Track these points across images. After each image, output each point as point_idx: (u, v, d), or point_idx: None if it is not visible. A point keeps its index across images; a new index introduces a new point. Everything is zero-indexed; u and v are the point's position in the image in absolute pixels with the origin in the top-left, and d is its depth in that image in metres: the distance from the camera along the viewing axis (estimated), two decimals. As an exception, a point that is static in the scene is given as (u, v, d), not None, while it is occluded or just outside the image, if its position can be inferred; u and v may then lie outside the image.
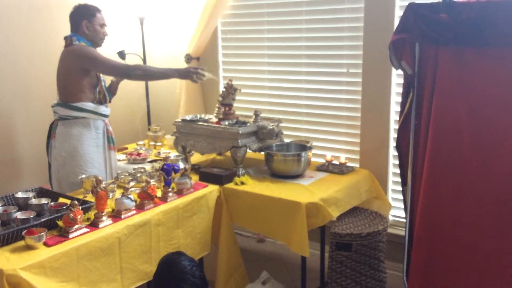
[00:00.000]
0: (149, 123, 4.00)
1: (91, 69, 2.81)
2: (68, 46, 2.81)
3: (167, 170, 2.45)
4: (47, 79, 3.34)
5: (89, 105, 2.81)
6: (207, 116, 3.10)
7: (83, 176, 2.55)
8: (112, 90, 3.08)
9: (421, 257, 2.37)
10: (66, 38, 2.84)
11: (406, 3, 2.30)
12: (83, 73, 2.78)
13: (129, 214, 2.21)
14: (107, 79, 3.03)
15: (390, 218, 3.07)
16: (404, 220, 2.57)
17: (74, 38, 2.80)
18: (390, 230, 2.94)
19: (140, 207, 2.28)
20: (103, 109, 2.88)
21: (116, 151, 3.02)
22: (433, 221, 2.32)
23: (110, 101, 2.99)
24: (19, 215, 2.06)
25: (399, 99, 2.59)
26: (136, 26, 3.89)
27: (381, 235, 2.59)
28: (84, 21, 2.82)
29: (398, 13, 2.84)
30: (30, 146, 3.37)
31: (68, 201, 2.19)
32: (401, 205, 2.72)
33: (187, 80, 3.19)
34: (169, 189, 2.45)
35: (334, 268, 2.58)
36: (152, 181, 2.42)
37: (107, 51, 3.01)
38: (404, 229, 2.57)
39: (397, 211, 3.06)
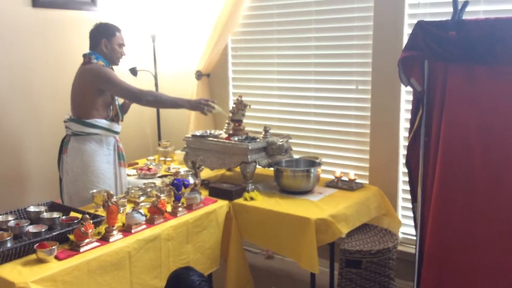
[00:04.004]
0: (159, 139, 4.03)
1: (105, 90, 2.85)
2: (86, 64, 2.85)
3: (177, 185, 2.47)
4: (57, 95, 3.39)
5: (103, 122, 2.84)
6: (217, 132, 3.13)
7: (94, 190, 2.58)
8: (124, 109, 3.11)
9: (431, 275, 2.34)
10: (85, 55, 2.88)
11: (415, 21, 2.32)
12: (98, 92, 2.82)
13: (139, 228, 2.22)
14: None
15: (400, 235, 3.05)
16: (415, 238, 2.55)
17: (93, 57, 2.84)
18: (400, 248, 2.92)
19: (150, 222, 2.30)
20: (115, 126, 2.92)
21: (126, 167, 3.04)
22: (443, 238, 2.30)
23: (122, 120, 3.02)
24: (31, 228, 2.08)
25: (409, 116, 2.59)
26: (148, 43, 3.95)
27: (391, 252, 2.57)
28: (103, 40, 2.86)
29: (407, 31, 2.86)
30: (40, 161, 3.40)
31: (79, 215, 2.22)
32: (411, 222, 2.71)
33: (197, 111, 3.19)
34: (179, 204, 2.46)
35: (344, 285, 2.56)
36: (162, 196, 2.43)
37: (119, 68, 3.06)
38: (414, 246, 2.55)
39: (407, 228, 3.03)
